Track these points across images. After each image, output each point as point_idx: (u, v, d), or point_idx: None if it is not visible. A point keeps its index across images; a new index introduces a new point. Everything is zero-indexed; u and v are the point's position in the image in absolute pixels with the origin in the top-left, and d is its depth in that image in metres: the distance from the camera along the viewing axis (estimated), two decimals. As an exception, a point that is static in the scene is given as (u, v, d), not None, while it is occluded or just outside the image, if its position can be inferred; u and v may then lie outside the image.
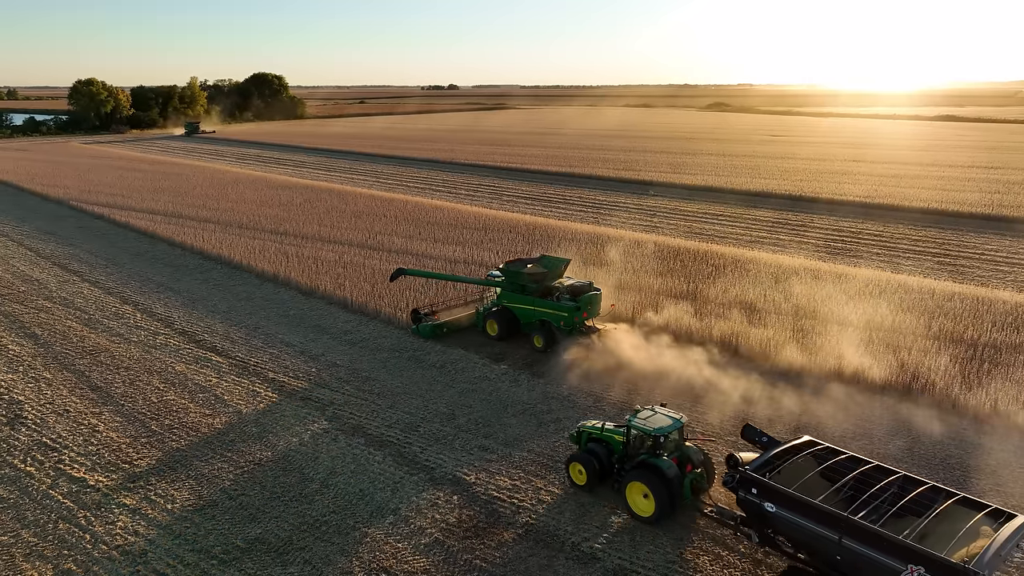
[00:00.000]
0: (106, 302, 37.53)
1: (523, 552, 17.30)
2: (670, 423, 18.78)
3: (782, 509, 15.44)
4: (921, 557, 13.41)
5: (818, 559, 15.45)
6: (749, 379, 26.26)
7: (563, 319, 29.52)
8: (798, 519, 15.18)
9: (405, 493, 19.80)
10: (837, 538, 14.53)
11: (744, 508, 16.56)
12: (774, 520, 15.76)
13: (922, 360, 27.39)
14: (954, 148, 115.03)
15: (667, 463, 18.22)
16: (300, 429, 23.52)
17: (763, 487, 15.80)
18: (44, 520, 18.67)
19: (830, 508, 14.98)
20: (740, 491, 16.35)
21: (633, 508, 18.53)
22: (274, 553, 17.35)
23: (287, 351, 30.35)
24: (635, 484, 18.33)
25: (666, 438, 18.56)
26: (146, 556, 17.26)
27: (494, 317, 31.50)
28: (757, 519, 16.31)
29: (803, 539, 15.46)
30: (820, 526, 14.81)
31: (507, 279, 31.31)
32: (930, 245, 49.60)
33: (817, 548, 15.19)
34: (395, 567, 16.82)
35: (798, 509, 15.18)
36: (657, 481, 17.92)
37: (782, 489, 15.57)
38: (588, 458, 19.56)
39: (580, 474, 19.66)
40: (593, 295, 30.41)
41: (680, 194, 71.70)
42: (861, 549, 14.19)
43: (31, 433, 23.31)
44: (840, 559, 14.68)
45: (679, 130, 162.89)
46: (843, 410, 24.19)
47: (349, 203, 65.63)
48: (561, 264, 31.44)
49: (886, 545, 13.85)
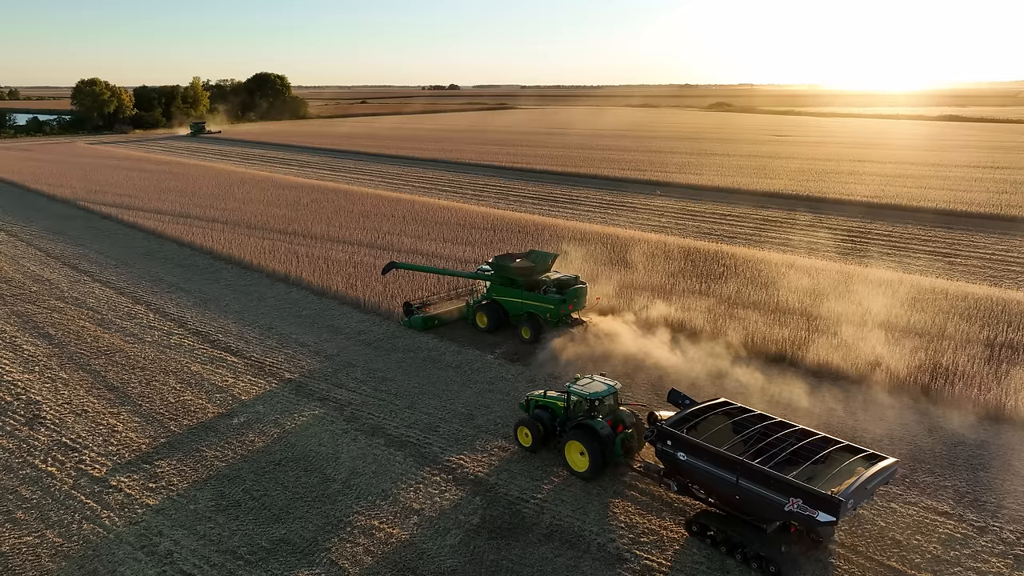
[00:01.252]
0: (118, 302, 37.52)
1: (549, 553, 17.26)
2: (605, 389, 20.79)
3: (691, 457, 17.60)
4: (799, 491, 15.55)
5: (722, 500, 17.57)
6: (780, 380, 26.21)
7: (549, 311, 30.57)
8: (703, 465, 17.35)
9: (428, 494, 19.77)
10: (735, 479, 16.64)
11: (662, 460, 18.65)
12: (685, 468, 17.89)
13: (939, 360, 27.35)
14: (959, 148, 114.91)
15: (601, 424, 20.21)
16: (319, 429, 23.50)
17: (676, 439, 17.99)
18: (68, 520, 18.66)
19: (728, 453, 17.10)
20: (657, 443, 18.48)
21: (571, 464, 20.47)
22: (299, 554, 17.33)
23: (302, 351, 30.33)
24: (573, 443, 20.32)
25: (601, 402, 20.63)
26: (172, 557, 17.24)
27: (483, 310, 32.46)
28: (673, 469, 18.42)
29: (709, 483, 17.54)
30: (720, 470, 16.96)
31: (496, 273, 32.18)
32: (940, 245, 49.54)
33: (720, 490, 17.34)
34: (422, 568, 16.80)
35: (703, 456, 17.35)
36: (591, 440, 19.92)
37: (690, 439, 17.82)
38: (533, 422, 21.48)
39: (526, 436, 21.62)
40: (579, 288, 31.48)
41: (687, 194, 71.66)
42: (753, 488, 16.28)
43: (50, 433, 23.30)
44: (739, 498, 16.84)
45: (684, 130, 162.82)
46: (862, 409, 24.16)
47: (356, 203, 65.61)
48: (549, 259, 32.28)
49: (772, 483, 15.96)
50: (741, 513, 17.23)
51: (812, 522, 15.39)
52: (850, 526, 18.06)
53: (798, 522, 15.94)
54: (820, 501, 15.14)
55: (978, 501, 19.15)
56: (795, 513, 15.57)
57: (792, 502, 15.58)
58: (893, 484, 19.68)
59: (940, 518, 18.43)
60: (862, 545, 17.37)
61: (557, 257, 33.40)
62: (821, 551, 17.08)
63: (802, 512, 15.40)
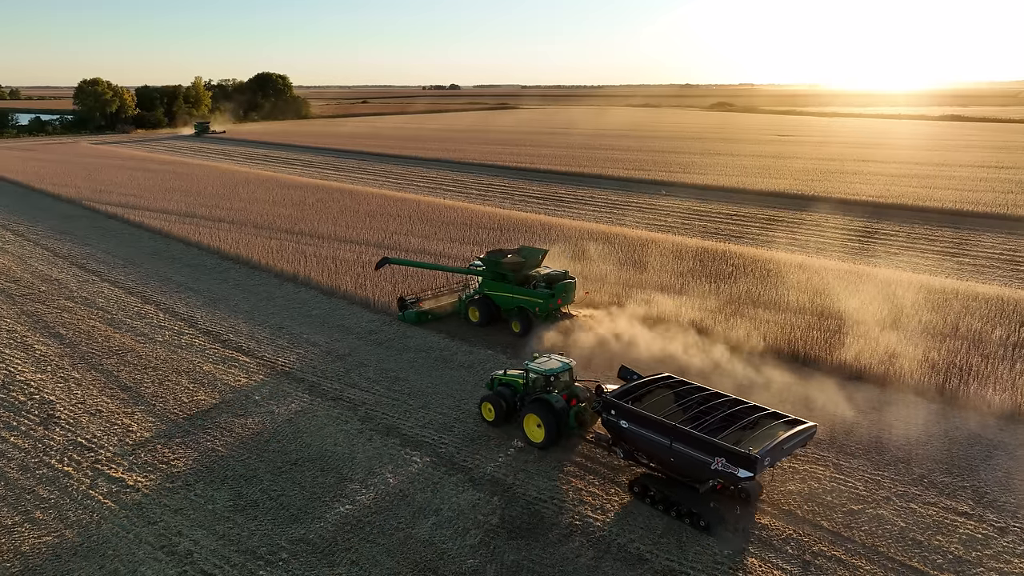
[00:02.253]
0: (128, 302, 37.51)
1: (570, 553, 17.23)
2: (560, 366, 22.64)
3: (632, 425, 19.37)
4: (722, 450, 17.33)
5: (660, 463, 19.31)
6: (793, 379, 26.19)
7: (538, 305, 31.41)
8: (642, 431, 19.13)
9: (445, 494, 19.74)
10: (669, 443, 18.45)
11: (608, 428, 20.39)
12: (628, 435, 19.63)
13: (953, 359, 27.32)
14: (962, 148, 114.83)
15: (556, 398, 21.79)
16: (334, 429, 23.47)
17: (618, 408, 19.71)
18: (87, 520, 18.63)
19: (662, 419, 18.88)
20: (603, 413, 20.22)
21: (529, 436, 22.00)
22: (319, 554, 17.30)
23: (313, 351, 30.31)
24: (530, 416, 21.82)
25: (556, 378, 22.43)
26: (192, 556, 17.21)
27: (475, 304, 33.24)
28: (618, 437, 20.09)
29: (648, 448, 19.31)
30: (657, 435, 18.75)
31: (488, 268, 32.92)
32: (948, 245, 49.50)
33: (658, 454, 19.12)
34: (443, 568, 16.77)
35: (642, 423, 19.14)
36: (548, 413, 21.46)
37: (630, 408, 19.60)
38: (496, 398, 23.03)
39: (490, 412, 23.22)
40: (568, 283, 32.34)
41: (692, 194, 71.62)
42: (684, 450, 18.10)
43: (65, 433, 23.27)
44: (673, 460, 18.62)
45: (686, 130, 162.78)
46: (875, 409, 24.13)
47: (362, 203, 65.59)
48: (539, 254, 33.12)
49: (700, 444, 17.79)
50: (677, 474, 18.98)
51: (734, 478, 17.29)
52: (870, 526, 18.05)
53: (723, 479, 17.78)
54: (740, 459, 16.99)
55: (997, 501, 19.11)
56: (720, 471, 17.39)
57: (717, 461, 17.37)
58: (912, 485, 19.79)
59: (960, 518, 18.40)
60: (883, 545, 17.34)
61: (547, 253, 34.22)
62: (750, 508, 18.66)
63: (725, 470, 17.24)
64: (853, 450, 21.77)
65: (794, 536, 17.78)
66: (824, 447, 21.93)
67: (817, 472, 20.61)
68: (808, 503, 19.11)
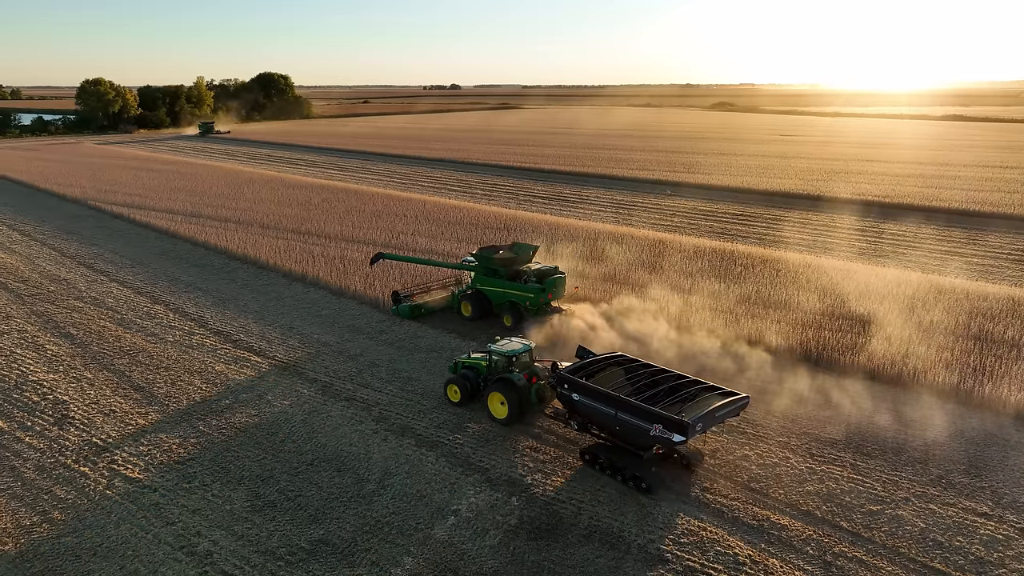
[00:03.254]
0: (137, 302, 37.49)
1: (590, 554, 17.20)
2: (521, 347, 24.11)
3: (583, 397, 20.84)
4: (659, 417, 18.95)
5: (608, 432, 20.90)
6: (809, 379, 26.17)
7: (529, 300, 32.06)
8: (592, 403, 20.57)
9: (463, 494, 19.71)
10: (615, 413, 19.95)
11: (562, 402, 21.86)
12: (580, 407, 21.09)
13: (967, 360, 27.27)
14: (966, 148, 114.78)
15: (518, 377, 23.18)
16: (348, 430, 23.44)
17: (571, 382, 21.17)
18: (104, 521, 18.60)
19: (607, 391, 20.39)
20: (557, 388, 21.66)
21: (493, 413, 23.43)
22: (339, 555, 17.27)
23: (325, 351, 30.28)
24: (494, 394, 23.22)
25: (517, 358, 23.84)
26: (212, 557, 17.19)
27: (468, 299, 33.92)
28: (572, 409, 21.55)
29: (597, 418, 20.77)
30: (604, 405, 20.23)
31: (480, 264, 33.61)
32: (956, 245, 49.46)
33: (606, 423, 20.61)
34: (464, 569, 16.74)
35: (591, 395, 20.61)
36: (510, 391, 22.85)
37: (580, 381, 21.02)
38: (461, 380, 24.43)
39: (455, 393, 24.55)
40: (557, 278, 32.88)
41: (697, 194, 71.60)
42: (628, 418, 19.63)
43: (80, 433, 23.25)
44: (619, 429, 20.13)
45: (689, 130, 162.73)
46: (890, 409, 24.08)
47: (367, 203, 65.56)
48: (530, 250, 33.76)
49: (640, 413, 19.37)
50: (623, 442, 20.55)
51: (670, 442, 18.82)
52: (890, 527, 18.02)
53: (661, 444, 19.20)
54: (674, 425, 18.58)
55: (1017, 502, 19.06)
56: (658, 436, 18.94)
57: (655, 427, 18.96)
58: (930, 486, 19.82)
59: (980, 519, 18.36)
60: (904, 546, 17.30)
61: (538, 249, 34.94)
62: (691, 473, 20.47)
63: (663, 435, 18.83)
64: (870, 450, 21.73)
65: (814, 537, 17.75)
66: (840, 447, 21.91)
67: (834, 472, 20.58)
68: (827, 503, 19.08)
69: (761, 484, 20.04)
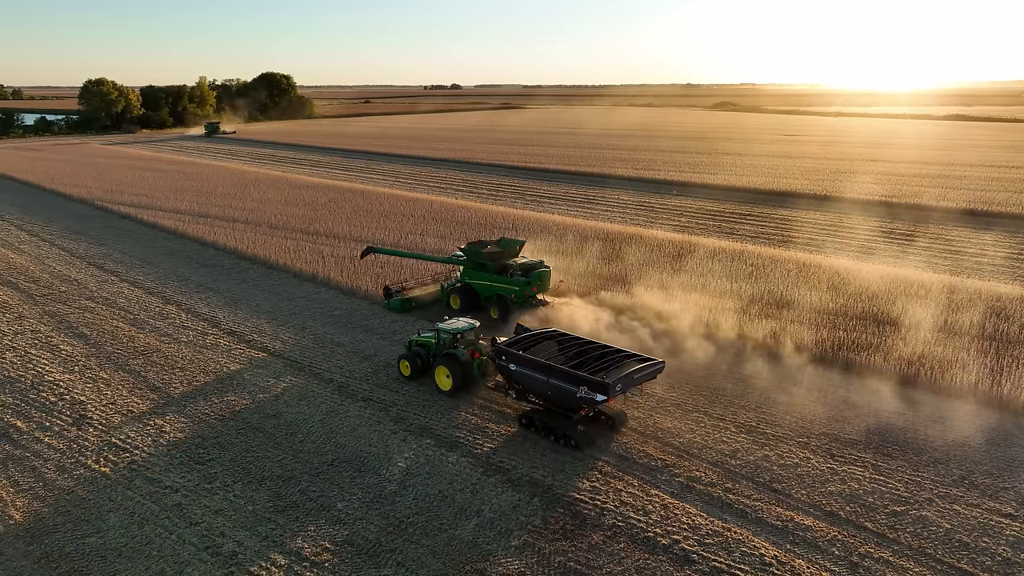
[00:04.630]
0: (149, 302, 37.47)
1: (617, 554, 17.18)
2: (466, 326, 26.59)
3: (518, 367, 22.85)
4: (583, 380, 21.05)
5: (542, 397, 22.66)
6: (827, 380, 26.16)
7: (515, 292, 33.28)
8: (526, 371, 22.62)
9: (485, 495, 19.69)
10: (546, 379, 22.00)
11: (501, 373, 23.91)
12: (516, 376, 23.03)
13: (984, 360, 27.23)
14: (971, 148, 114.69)
15: (462, 352, 25.46)
16: (367, 430, 23.42)
17: (507, 354, 23.24)
18: (128, 522, 18.58)
19: (538, 359, 22.59)
20: (496, 359, 23.66)
21: (439, 384, 25.76)
22: (365, 555, 17.25)
23: (339, 351, 30.26)
24: (440, 368, 25.58)
25: (463, 336, 26.35)
26: (237, 557, 17.17)
27: (457, 292, 34.99)
28: (509, 379, 23.49)
29: (532, 385, 22.69)
30: (536, 373, 22.29)
31: (468, 258, 34.75)
32: (965, 245, 49.42)
33: (539, 389, 22.54)
34: (490, 570, 16.72)
35: (525, 364, 22.67)
36: (455, 365, 25.17)
37: (515, 352, 23.10)
38: (412, 356, 26.65)
39: (407, 368, 26.73)
40: (543, 272, 34.12)
41: (704, 194, 71.55)
42: (557, 383, 21.72)
43: (99, 434, 23.24)
44: (550, 394, 22.14)
45: (693, 130, 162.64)
46: (911, 409, 24.07)
47: (374, 203, 65.53)
48: (516, 245, 34.93)
49: (567, 377, 21.49)
50: (555, 406, 22.51)
51: (593, 402, 20.92)
52: (915, 528, 17.99)
53: (587, 404, 21.18)
54: (596, 386, 20.61)
55: (1041, 503, 19.04)
56: (583, 397, 20.97)
57: (580, 389, 21.01)
58: (953, 486, 19.83)
59: (1005, 520, 18.33)
60: (930, 547, 17.28)
61: (524, 243, 36.16)
62: (617, 432, 22.70)
63: (586, 396, 20.86)
64: (890, 451, 21.71)
65: (839, 538, 17.73)
66: (860, 448, 21.90)
67: (856, 473, 20.56)
68: (850, 504, 19.06)
69: (783, 484, 20.02)
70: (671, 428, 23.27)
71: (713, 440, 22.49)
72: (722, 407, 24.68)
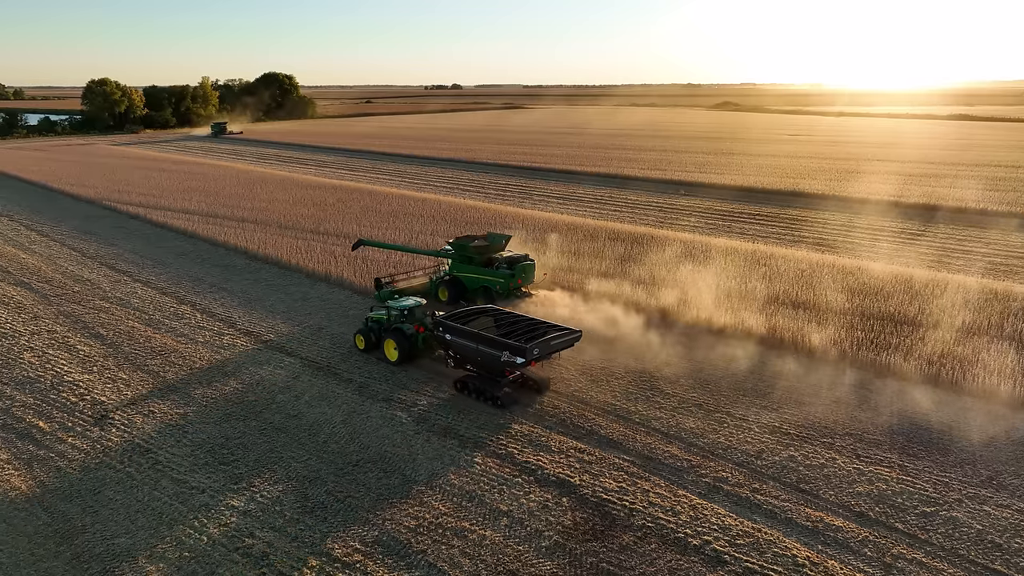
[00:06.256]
0: (163, 302, 37.45)
1: (649, 555, 17.14)
2: (413, 303, 29.22)
3: (453, 336, 25.44)
4: (506, 345, 23.67)
5: (474, 364, 25.19)
6: (849, 383, 26.12)
7: (500, 284, 34.89)
8: (459, 340, 25.20)
9: (513, 495, 19.65)
10: (476, 346, 24.59)
11: (439, 343, 26.65)
12: (453, 345, 25.59)
13: (1004, 361, 27.16)
14: (976, 147, 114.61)
15: (408, 327, 28.31)
16: (389, 431, 23.39)
17: (444, 325, 25.75)
18: (156, 523, 18.56)
19: (468, 328, 25.18)
20: (434, 331, 26.30)
21: (387, 355, 28.56)
22: (396, 556, 17.22)
23: (357, 352, 30.20)
24: (389, 341, 28.45)
25: (410, 312, 28.90)
26: (268, 558, 17.14)
27: (445, 285, 36.37)
28: (447, 349, 26.15)
29: (465, 353, 25.23)
30: (467, 341, 24.87)
31: (456, 252, 36.23)
32: (977, 244, 49.37)
33: (471, 357, 25.07)
34: (522, 571, 16.68)
35: (457, 334, 25.29)
36: (400, 337, 28.06)
37: (449, 323, 25.75)
38: (367, 331, 29.47)
39: (361, 341, 29.63)
40: (527, 264, 35.83)
41: (711, 194, 71.50)
42: (485, 349, 24.27)
43: (121, 434, 23.22)
44: (480, 360, 24.71)
45: (697, 130, 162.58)
46: (934, 411, 24.02)
47: (383, 203, 65.50)
48: (503, 239, 36.43)
49: (493, 344, 24.08)
50: (485, 371, 24.93)
51: (515, 365, 23.58)
52: (946, 529, 17.93)
53: (509, 367, 23.81)
54: (516, 349, 23.26)
55: (1070, 503, 18.99)
56: (507, 361, 23.49)
57: (504, 353, 23.52)
58: (981, 487, 19.80)
59: (1036, 520, 18.29)
60: (963, 548, 17.24)
61: (510, 238, 37.61)
62: (541, 395, 25.46)
63: (509, 360, 23.45)
64: (916, 451, 21.67)
65: (871, 538, 17.69)
66: (886, 448, 21.85)
67: (883, 473, 20.51)
68: (879, 505, 19.02)
69: (811, 485, 19.98)
70: (694, 428, 23.24)
71: (737, 440, 22.45)
72: (744, 407, 24.65)
